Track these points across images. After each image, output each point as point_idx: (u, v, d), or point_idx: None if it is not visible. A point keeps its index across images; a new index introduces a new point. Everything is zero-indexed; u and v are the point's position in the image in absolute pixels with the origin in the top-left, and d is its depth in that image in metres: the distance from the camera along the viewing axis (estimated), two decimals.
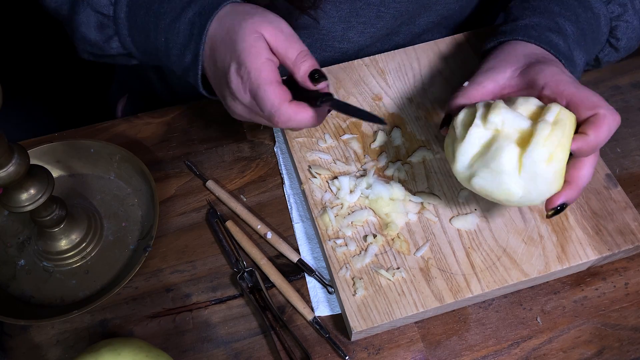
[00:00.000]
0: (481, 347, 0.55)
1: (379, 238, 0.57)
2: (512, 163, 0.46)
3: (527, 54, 0.53)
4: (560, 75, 0.49)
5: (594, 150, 0.48)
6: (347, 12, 0.67)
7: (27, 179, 0.50)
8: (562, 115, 0.47)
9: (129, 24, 0.58)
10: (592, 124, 0.47)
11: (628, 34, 0.61)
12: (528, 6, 0.59)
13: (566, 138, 0.46)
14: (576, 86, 0.48)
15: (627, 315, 0.56)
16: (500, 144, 0.47)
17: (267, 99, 0.49)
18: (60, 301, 0.57)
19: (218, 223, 0.61)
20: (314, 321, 0.55)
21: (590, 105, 0.47)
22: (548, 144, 0.45)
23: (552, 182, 0.47)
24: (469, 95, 0.53)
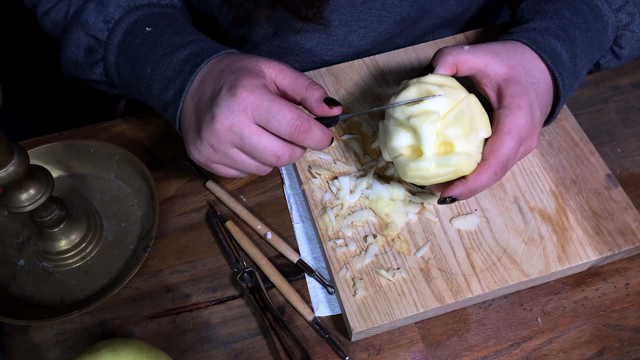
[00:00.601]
0: (481, 347, 0.55)
1: (379, 238, 0.57)
2: (393, 151, 0.53)
3: (527, 70, 0.53)
4: (518, 110, 0.50)
5: (472, 194, 0.51)
6: (348, 17, 0.67)
7: (27, 179, 0.50)
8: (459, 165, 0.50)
9: (118, 52, 0.57)
10: (476, 171, 0.50)
11: (632, 44, 0.61)
12: (540, 9, 0.59)
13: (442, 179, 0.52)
14: (509, 129, 0.50)
15: (627, 316, 0.56)
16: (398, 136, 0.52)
17: (287, 108, 0.47)
18: (60, 301, 0.57)
19: (218, 223, 0.61)
20: (314, 321, 0.55)
21: (491, 150, 0.50)
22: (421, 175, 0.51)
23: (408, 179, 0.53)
24: (459, 58, 0.53)
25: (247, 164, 0.50)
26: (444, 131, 0.50)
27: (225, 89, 0.48)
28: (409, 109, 0.51)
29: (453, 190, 0.51)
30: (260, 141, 0.48)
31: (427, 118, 0.50)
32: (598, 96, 0.70)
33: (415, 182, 0.53)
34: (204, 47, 0.54)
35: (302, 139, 0.48)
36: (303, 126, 0.48)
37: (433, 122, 0.50)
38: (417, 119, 0.50)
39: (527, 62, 0.53)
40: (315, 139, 0.49)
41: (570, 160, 0.62)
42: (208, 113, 0.48)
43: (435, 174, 0.50)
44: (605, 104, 0.70)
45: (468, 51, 0.53)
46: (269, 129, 0.48)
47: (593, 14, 0.58)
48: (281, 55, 0.73)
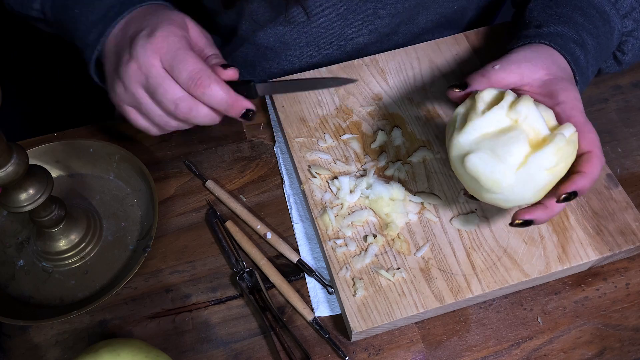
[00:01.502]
0: (482, 347, 0.55)
1: (379, 238, 0.56)
2: (517, 157, 0.46)
3: (562, 67, 0.53)
4: (578, 102, 0.50)
5: (591, 186, 0.48)
6: (343, 9, 0.67)
7: (26, 179, 0.50)
8: (574, 137, 0.47)
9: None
10: (588, 161, 0.48)
11: (634, 51, 0.61)
12: (552, 12, 0.58)
13: (571, 158, 0.47)
14: (585, 118, 0.50)
15: (628, 316, 0.56)
16: (516, 136, 0.46)
17: (191, 60, 0.48)
18: (60, 301, 0.57)
19: (218, 223, 0.61)
20: (314, 322, 0.55)
21: (590, 142, 0.49)
22: (558, 155, 0.45)
23: (539, 191, 0.47)
24: (493, 79, 0.51)
25: (151, 109, 0.50)
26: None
27: (145, 31, 0.49)
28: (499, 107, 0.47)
29: (573, 184, 0.47)
30: (163, 83, 0.48)
31: (526, 99, 0.46)
32: (598, 96, 0.70)
33: (554, 175, 0.46)
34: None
35: (199, 92, 0.48)
36: (202, 80, 0.48)
37: (531, 100, 0.46)
38: (520, 106, 0.46)
39: (558, 60, 0.54)
40: (216, 98, 0.49)
41: None
42: (127, 52, 0.50)
43: (571, 151, 0.46)
44: (606, 104, 0.69)
45: (500, 70, 0.52)
46: (172, 74, 0.48)
47: (602, 19, 0.58)
48: (279, 49, 0.72)
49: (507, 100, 0.47)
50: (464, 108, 0.50)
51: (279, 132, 0.67)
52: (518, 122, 0.47)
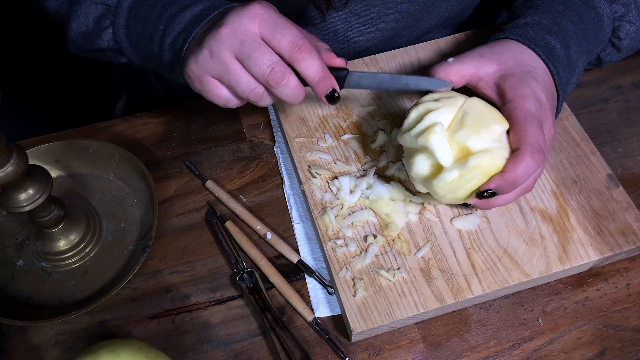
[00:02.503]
0: (482, 348, 0.54)
1: (380, 238, 0.56)
2: (419, 177, 0.53)
3: (519, 62, 0.53)
4: (524, 100, 0.50)
5: (513, 185, 0.49)
6: (347, 13, 0.67)
7: (26, 179, 0.50)
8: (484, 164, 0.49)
9: (128, 15, 0.57)
10: (511, 161, 0.49)
11: (630, 34, 0.61)
12: (532, 4, 0.59)
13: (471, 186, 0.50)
14: (526, 116, 0.49)
15: (629, 316, 0.56)
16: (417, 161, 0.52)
17: (294, 27, 0.47)
18: (59, 302, 0.57)
19: (217, 223, 0.61)
20: (314, 322, 0.55)
21: (521, 139, 0.49)
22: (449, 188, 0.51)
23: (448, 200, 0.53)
24: (448, 72, 0.54)
25: (239, 76, 0.48)
26: (454, 138, 0.50)
27: (237, 3, 0.49)
28: (414, 132, 0.52)
29: (490, 183, 0.49)
30: (259, 47, 0.47)
31: (432, 130, 0.50)
32: (599, 96, 0.70)
33: (451, 200, 0.52)
34: (215, 3, 0.54)
35: (299, 58, 0.48)
36: (304, 46, 0.47)
37: (437, 132, 0.50)
38: (423, 137, 0.51)
39: (517, 54, 0.54)
40: (313, 68, 0.48)
41: (571, 160, 0.61)
42: (217, 24, 0.48)
43: (464, 182, 0.50)
44: (607, 104, 0.69)
45: (454, 62, 0.54)
46: (271, 42, 0.47)
47: (586, 6, 0.58)
48: None
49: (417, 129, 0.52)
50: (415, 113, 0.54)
51: (279, 132, 0.67)
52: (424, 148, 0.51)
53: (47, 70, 1.33)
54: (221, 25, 0.48)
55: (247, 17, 0.47)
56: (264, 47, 0.47)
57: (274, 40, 0.47)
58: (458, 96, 0.53)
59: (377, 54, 0.69)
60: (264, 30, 0.47)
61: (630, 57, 0.69)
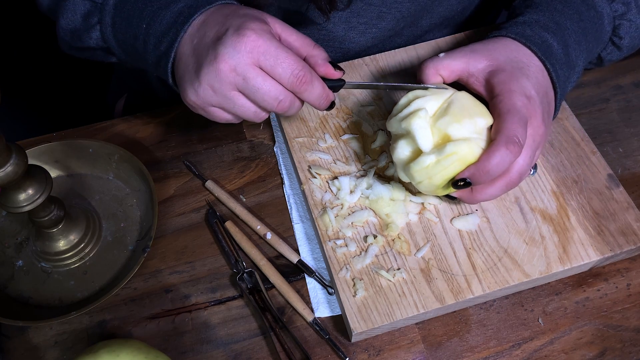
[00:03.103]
0: (482, 348, 0.54)
1: (380, 239, 0.56)
2: (400, 161, 0.54)
3: (512, 58, 0.53)
4: (511, 94, 0.50)
5: (487, 175, 0.49)
6: (348, 13, 0.67)
7: (26, 179, 0.49)
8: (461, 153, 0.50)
9: (114, 11, 0.56)
10: (486, 150, 0.50)
11: (631, 33, 0.60)
12: (530, 3, 0.59)
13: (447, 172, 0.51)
14: (508, 110, 0.49)
15: (629, 317, 0.56)
16: (399, 145, 0.53)
17: (293, 57, 0.48)
18: (59, 302, 0.56)
19: (217, 223, 0.61)
20: (314, 322, 0.55)
21: (499, 130, 0.49)
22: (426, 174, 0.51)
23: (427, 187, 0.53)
24: (438, 66, 0.54)
25: (246, 108, 0.50)
26: (435, 124, 0.51)
27: (232, 30, 0.47)
28: (399, 116, 0.53)
29: (464, 172, 0.50)
30: (265, 83, 0.48)
31: (415, 115, 0.51)
32: (599, 96, 0.70)
33: (427, 188, 0.52)
34: (196, 1, 0.53)
35: (303, 89, 0.49)
36: (306, 77, 0.48)
37: (421, 117, 0.51)
38: (406, 121, 0.52)
39: (510, 51, 0.54)
40: (315, 93, 0.50)
41: (572, 160, 0.61)
42: (211, 52, 0.47)
43: (440, 168, 0.50)
44: (607, 104, 0.69)
45: (445, 57, 0.54)
46: (273, 74, 0.48)
47: (585, 4, 0.58)
48: None
49: (403, 114, 0.53)
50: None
51: (279, 132, 0.67)
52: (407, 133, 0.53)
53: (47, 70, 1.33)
54: (218, 60, 0.47)
55: (244, 51, 0.47)
56: (269, 82, 0.48)
57: (275, 74, 0.48)
58: (448, 88, 0.54)
59: (377, 54, 0.69)
60: (265, 64, 0.47)
61: (631, 56, 0.69)
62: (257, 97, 0.48)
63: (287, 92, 0.49)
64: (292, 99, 0.50)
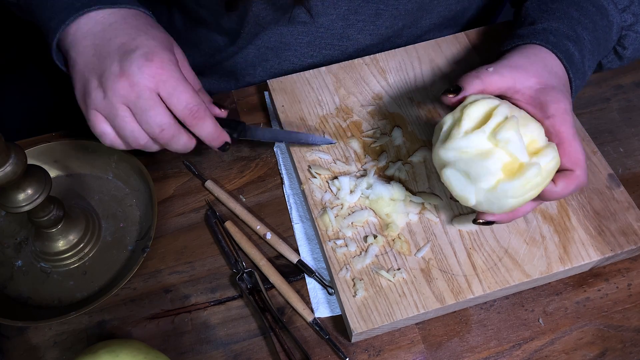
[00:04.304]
0: (482, 348, 0.54)
1: (380, 239, 0.56)
2: (488, 182, 0.47)
3: (553, 74, 0.53)
4: (567, 115, 0.50)
5: (556, 199, 0.50)
6: (345, 10, 0.67)
7: (25, 179, 0.49)
8: (550, 165, 0.47)
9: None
10: (566, 178, 0.49)
11: (635, 45, 0.60)
12: (546, 9, 0.58)
13: (543, 186, 0.48)
14: (573, 134, 0.50)
15: (630, 317, 0.56)
16: (492, 163, 0.46)
17: (190, 91, 0.49)
18: (58, 302, 0.56)
19: (217, 223, 0.61)
20: (314, 322, 0.55)
21: (574, 161, 0.49)
22: (528, 186, 0.46)
23: (504, 211, 0.49)
24: (486, 81, 0.51)
25: (127, 125, 0.50)
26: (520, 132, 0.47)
27: (141, 51, 0.49)
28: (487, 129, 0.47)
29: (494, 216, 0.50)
30: (154, 107, 0.49)
31: (511, 123, 0.46)
32: (600, 95, 0.70)
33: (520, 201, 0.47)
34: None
35: (193, 123, 0.51)
36: (199, 112, 0.50)
37: (515, 126, 0.46)
38: (504, 132, 0.46)
39: (549, 65, 0.53)
40: (206, 130, 0.52)
41: None
42: (115, 64, 0.49)
43: (541, 180, 0.47)
44: (608, 103, 0.69)
45: (494, 72, 0.51)
46: (169, 103, 0.50)
47: (599, 13, 0.57)
48: (280, 49, 0.72)
49: (491, 125, 0.47)
50: (451, 119, 0.50)
51: None
52: (498, 146, 0.47)
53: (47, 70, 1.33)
54: (121, 73, 0.48)
55: (148, 75, 0.48)
56: (159, 107, 0.49)
57: (170, 103, 0.50)
58: (495, 98, 0.50)
59: (377, 54, 0.69)
60: (163, 91, 0.49)
61: None
62: (143, 118, 0.49)
63: (175, 124, 0.50)
64: (176, 131, 0.51)
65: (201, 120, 0.51)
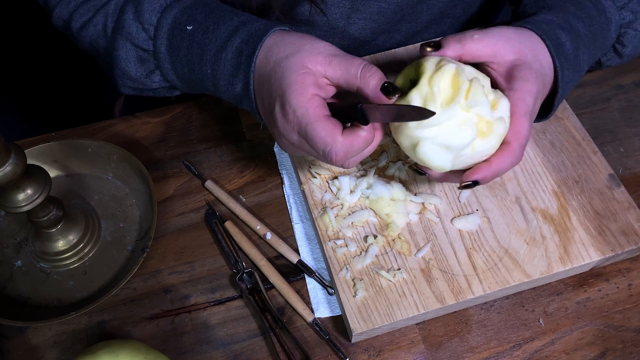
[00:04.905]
0: (483, 348, 0.54)
1: (380, 239, 0.56)
2: (468, 148, 0.48)
3: (537, 58, 0.52)
4: (528, 95, 0.50)
5: (494, 177, 0.49)
6: (348, 9, 0.67)
7: (24, 179, 0.49)
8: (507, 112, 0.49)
9: (170, 58, 0.56)
10: (500, 153, 0.49)
11: (634, 42, 0.60)
12: (544, 5, 0.58)
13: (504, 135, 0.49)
14: (525, 112, 0.50)
15: (630, 317, 0.56)
16: (468, 132, 0.47)
17: (318, 137, 0.47)
18: (58, 302, 0.56)
19: (217, 223, 0.61)
20: (314, 323, 0.55)
21: (515, 135, 0.49)
22: (497, 141, 0.48)
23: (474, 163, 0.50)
24: (467, 47, 0.51)
25: (310, 153, 0.51)
26: None
27: (278, 106, 0.49)
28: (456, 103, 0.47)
29: (475, 173, 0.49)
30: (311, 152, 0.50)
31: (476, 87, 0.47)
32: (600, 95, 0.70)
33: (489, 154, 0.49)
34: (251, 32, 0.52)
35: (338, 164, 0.49)
36: (332, 155, 0.48)
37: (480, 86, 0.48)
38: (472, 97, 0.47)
39: (538, 51, 0.53)
40: (353, 161, 0.50)
41: (573, 160, 0.61)
42: (274, 129, 0.51)
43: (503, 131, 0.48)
44: (608, 103, 0.69)
45: (477, 40, 0.51)
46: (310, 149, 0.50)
47: (597, 9, 0.57)
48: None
49: (462, 94, 0.47)
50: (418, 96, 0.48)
51: None
52: (469, 112, 0.47)
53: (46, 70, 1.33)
54: (281, 137, 0.51)
55: (289, 130, 0.49)
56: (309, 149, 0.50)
57: (310, 152, 0.50)
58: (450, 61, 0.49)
59: (378, 53, 0.69)
60: (303, 138, 0.49)
61: None
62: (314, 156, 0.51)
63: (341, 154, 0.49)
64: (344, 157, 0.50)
65: (339, 157, 0.48)
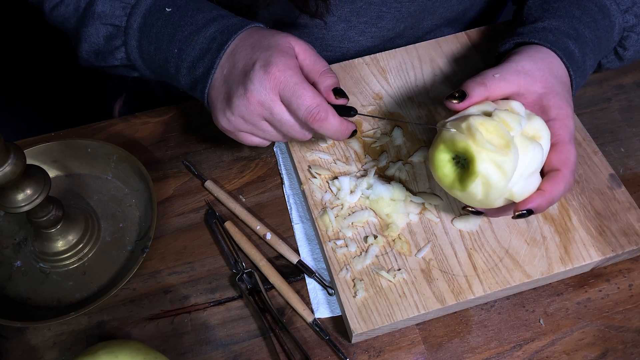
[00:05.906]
0: (483, 349, 0.54)
1: (380, 239, 0.56)
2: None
3: (558, 77, 0.53)
4: (568, 120, 0.51)
5: (548, 205, 0.49)
6: (347, 12, 0.67)
7: (24, 179, 0.49)
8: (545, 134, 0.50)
9: (140, 35, 0.57)
10: (551, 180, 0.49)
11: (636, 46, 0.60)
12: (548, 7, 0.58)
13: None
14: (570, 139, 0.51)
15: (631, 317, 0.56)
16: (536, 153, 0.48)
17: (309, 94, 0.49)
18: (57, 303, 0.56)
19: (217, 224, 0.61)
20: (314, 323, 0.55)
21: (564, 161, 0.50)
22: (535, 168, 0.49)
23: None
24: (491, 88, 0.51)
25: (274, 134, 0.54)
26: None
27: (258, 64, 0.50)
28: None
29: (529, 202, 0.48)
30: (289, 119, 0.52)
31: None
32: (601, 95, 0.70)
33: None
34: (228, 24, 0.55)
35: (316, 126, 0.51)
36: (319, 115, 0.50)
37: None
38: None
39: (554, 68, 0.53)
40: (331, 129, 0.52)
41: None
42: (240, 87, 0.51)
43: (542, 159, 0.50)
44: (609, 103, 0.69)
45: (500, 79, 0.51)
46: (289, 110, 0.51)
47: (601, 13, 0.57)
48: None
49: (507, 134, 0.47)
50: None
51: None
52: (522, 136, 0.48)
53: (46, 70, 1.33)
54: (247, 95, 0.51)
55: (269, 88, 0.50)
56: (287, 116, 0.52)
57: (291, 110, 0.51)
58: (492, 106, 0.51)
59: (377, 53, 0.69)
60: (283, 98, 0.51)
61: None
62: (283, 129, 0.53)
63: (302, 126, 0.52)
64: (307, 132, 0.53)
65: (323, 121, 0.50)
